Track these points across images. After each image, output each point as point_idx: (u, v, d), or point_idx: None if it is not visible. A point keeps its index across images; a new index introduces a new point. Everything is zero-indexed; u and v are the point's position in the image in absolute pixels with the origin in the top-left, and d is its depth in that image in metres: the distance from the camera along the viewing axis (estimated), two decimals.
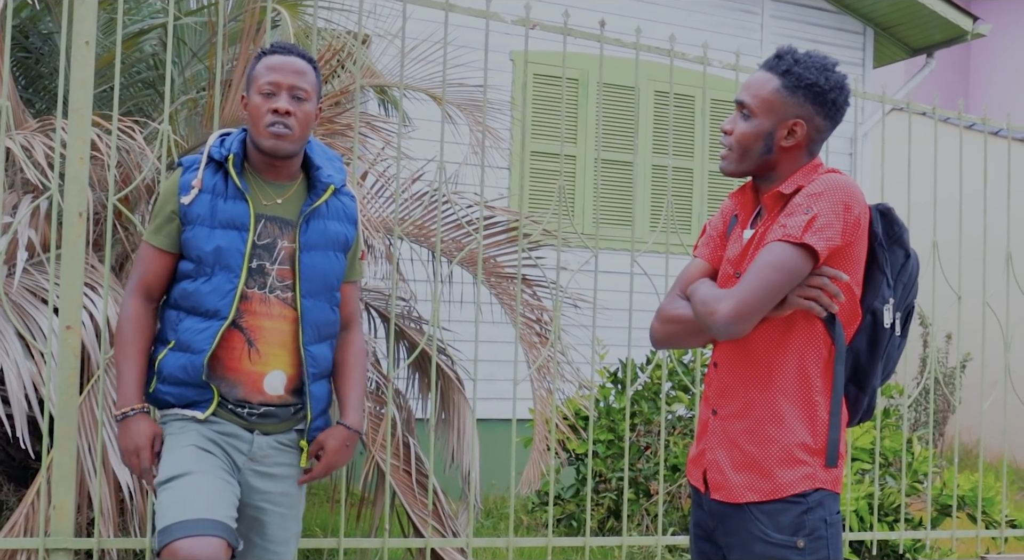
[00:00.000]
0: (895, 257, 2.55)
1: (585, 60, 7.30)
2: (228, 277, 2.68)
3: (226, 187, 2.72)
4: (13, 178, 4.30)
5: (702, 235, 2.71)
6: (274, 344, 2.71)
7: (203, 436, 2.68)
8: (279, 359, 2.72)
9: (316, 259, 2.76)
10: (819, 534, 2.40)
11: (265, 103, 2.69)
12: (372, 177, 5.22)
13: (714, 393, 2.56)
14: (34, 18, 5.12)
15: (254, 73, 2.74)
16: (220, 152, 2.75)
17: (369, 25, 5.82)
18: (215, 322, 2.67)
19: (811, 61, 2.47)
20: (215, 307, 2.68)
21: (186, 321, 2.70)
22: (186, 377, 2.68)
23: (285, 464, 2.78)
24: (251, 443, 2.72)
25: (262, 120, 2.69)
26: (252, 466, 2.73)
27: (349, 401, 2.88)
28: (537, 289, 5.09)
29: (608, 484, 5.77)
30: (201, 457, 2.64)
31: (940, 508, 5.42)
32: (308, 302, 2.75)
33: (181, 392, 2.69)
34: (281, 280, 2.72)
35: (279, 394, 2.72)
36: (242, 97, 2.79)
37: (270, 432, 2.74)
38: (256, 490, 2.74)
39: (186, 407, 2.71)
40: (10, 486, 4.62)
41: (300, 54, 2.76)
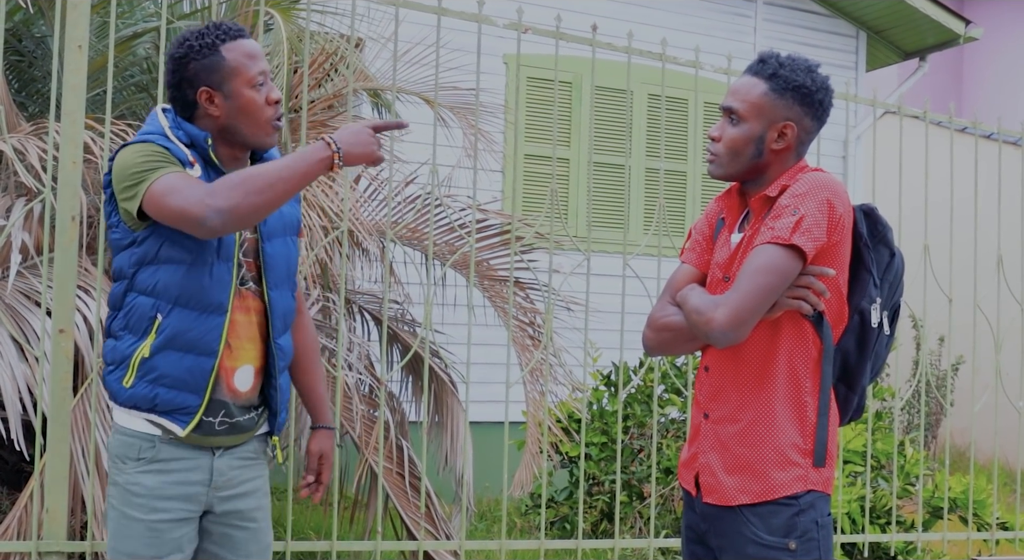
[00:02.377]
0: (880, 256, 2.56)
1: (578, 63, 7.31)
2: (227, 267, 2.52)
3: (208, 173, 2.53)
4: (6, 181, 4.31)
5: (688, 239, 2.71)
6: (244, 338, 2.57)
7: (159, 498, 2.49)
8: (248, 353, 2.58)
9: (277, 248, 2.63)
10: (811, 536, 2.41)
11: (259, 95, 2.51)
12: (365, 180, 5.23)
13: (705, 397, 2.57)
14: (27, 22, 5.12)
15: (232, 64, 2.50)
16: (184, 136, 2.52)
17: (362, 28, 5.83)
18: (217, 317, 2.50)
19: (795, 63, 2.49)
20: (218, 300, 2.50)
21: (178, 314, 2.48)
22: (192, 381, 2.49)
23: (252, 479, 2.65)
24: (210, 471, 2.55)
25: (263, 114, 2.53)
26: (217, 494, 2.57)
27: (321, 399, 2.82)
28: (530, 292, 5.10)
29: (601, 487, 5.78)
30: (154, 542, 2.48)
31: (932, 510, 5.44)
32: (275, 293, 2.62)
33: (176, 396, 2.49)
34: (250, 272, 2.59)
35: (247, 390, 2.58)
36: (207, 92, 2.51)
37: (232, 446, 2.60)
38: (230, 513, 2.60)
39: (168, 413, 2.50)
40: (3, 489, 4.61)
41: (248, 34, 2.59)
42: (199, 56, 2.50)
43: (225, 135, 2.55)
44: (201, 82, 2.50)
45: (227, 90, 2.50)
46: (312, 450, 2.78)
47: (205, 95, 2.51)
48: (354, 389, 4.55)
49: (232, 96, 2.51)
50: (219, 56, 2.50)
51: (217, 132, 2.54)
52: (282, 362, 2.65)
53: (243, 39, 2.54)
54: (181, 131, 2.52)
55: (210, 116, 2.53)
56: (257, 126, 2.53)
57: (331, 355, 4.60)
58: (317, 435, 2.80)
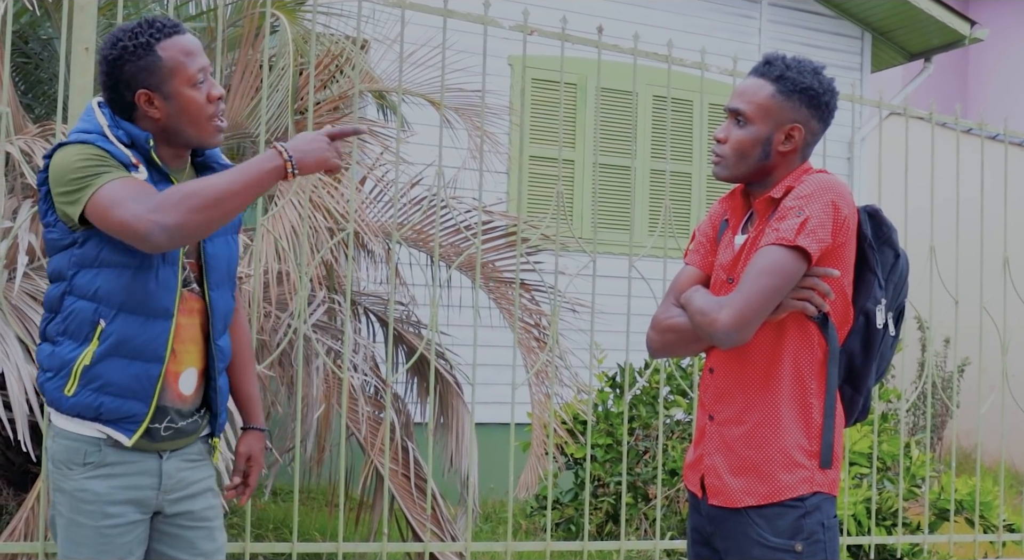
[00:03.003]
0: (885, 257, 2.56)
1: (583, 65, 7.31)
2: (173, 271, 2.43)
3: (150, 173, 2.42)
4: (13, 183, 4.31)
5: (692, 241, 2.71)
6: (187, 341, 2.49)
7: (109, 503, 2.43)
8: (191, 356, 2.50)
9: (219, 247, 2.54)
10: (817, 538, 2.41)
11: (200, 94, 2.40)
12: (371, 182, 5.24)
13: (710, 398, 2.57)
14: (33, 24, 5.14)
15: (169, 64, 2.38)
16: (124, 136, 2.41)
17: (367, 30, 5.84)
18: (163, 322, 2.41)
19: (801, 66, 2.49)
20: (163, 305, 2.41)
21: (122, 320, 2.39)
22: (139, 388, 2.41)
23: (201, 479, 2.59)
24: (159, 474, 2.49)
25: (205, 112, 2.42)
26: (167, 497, 2.51)
27: (253, 399, 2.76)
28: (535, 294, 5.10)
29: (606, 488, 5.78)
30: (108, 548, 2.43)
31: (938, 512, 5.43)
32: (216, 294, 2.54)
33: (121, 404, 2.41)
34: (192, 273, 2.51)
35: (191, 393, 2.51)
36: (145, 94, 2.39)
37: (177, 448, 2.54)
38: (180, 513, 2.54)
39: (113, 422, 2.42)
40: (9, 490, 4.62)
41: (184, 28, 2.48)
42: (134, 57, 2.38)
43: (167, 136, 2.45)
44: (139, 84, 2.39)
45: (166, 91, 2.40)
46: (240, 451, 2.72)
47: (144, 97, 2.41)
48: (359, 390, 4.56)
49: (172, 97, 2.40)
50: (155, 56, 2.38)
51: (158, 133, 2.45)
52: (221, 364, 2.59)
53: (179, 35, 2.42)
54: (121, 130, 2.42)
55: (150, 118, 2.43)
56: (199, 126, 2.44)
57: (337, 356, 4.60)
58: (247, 436, 2.74)
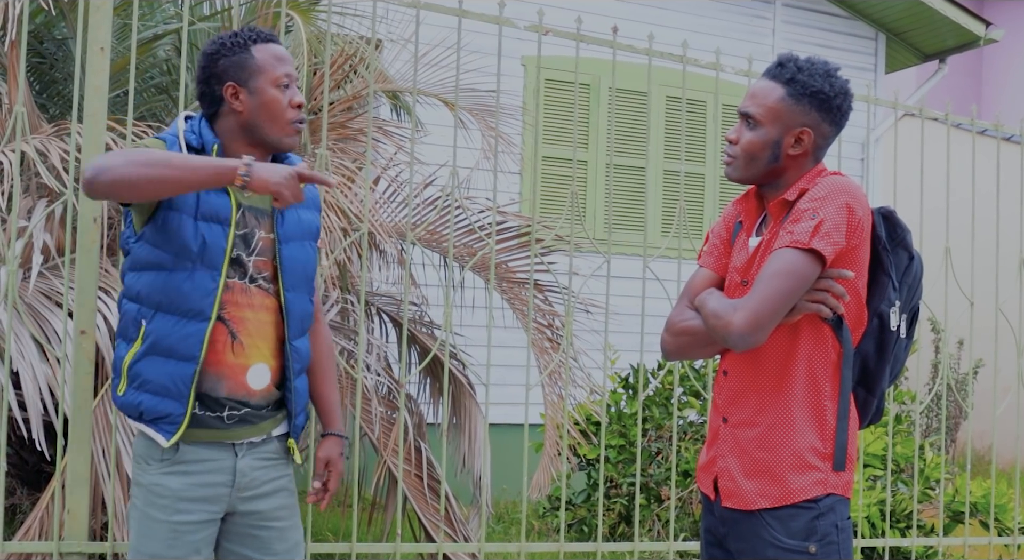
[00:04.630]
0: (899, 259, 2.55)
1: (597, 65, 7.31)
2: (211, 275, 2.52)
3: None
4: (28, 182, 4.33)
5: (706, 243, 2.71)
6: (256, 336, 2.58)
7: (182, 500, 2.52)
8: (261, 352, 2.59)
9: (295, 251, 2.65)
10: (831, 539, 2.40)
11: (284, 96, 2.58)
12: (384, 182, 5.24)
13: (724, 401, 2.56)
14: (48, 24, 5.15)
15: (260, 62, 2.57)
16: (197, 139, 2.58)
17: (382, 30, 5.84)
18: (198, 323, 2.50)
19: (814, 68, 2.47)
20: (198, 307, 2.51)
21: (160, 319, 2.50)
22: (172, 387, 2.50)
23: (275, 478, 2.66)
24: (233, 472, 2.58)
25: (285, 115, 2.58)
26: (241, 495, 2.59)
27: (333, 406, 2.84)
28: (549, 294, 5.09)
29: (619, 489, 5.77)
30: (176, 544, 2.50)
31: (952, 515, 5.41)
32: (291, 295, 2.63)
33: (158, 403, 2.51)
34: (259, 272, 2.59)
35: (263, 388, 2.60)
36: (232, 87, 2.58)
37: (251, 442, 2.61)
38: (251, 513, 2.62)
39: (154, 421, 2.52)
40: (24, 490, 4.63)
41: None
42: (229, 53, 2.58)
43: (247, 133, 2.59)
44: (228, 77, 2.57)
45: (252, 86, 2.57)
46: (320, 457, 2.80)
47: (231, 90, 2.57)
48: (373, 391, 4.56)
49: (256, 92, 2.57)
50: (248, 54, 2.57)
51: (239, 129, 2.59)
52: (298, 365, 2.66)
53: (274, 43, 2.62)
54: (195, 135, 2.58)
55: (234, 112, 2.58)
56: (278, 125, 2.58)
57: (350, 357, 4.60)
58: (326, 442, 2.81)
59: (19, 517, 4.52)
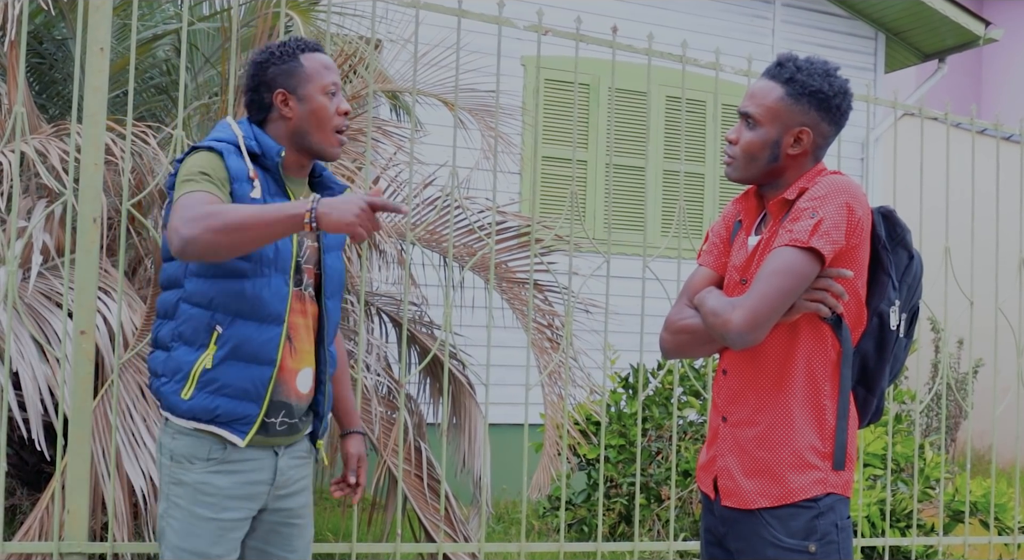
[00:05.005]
0: (899, 259, 2.56)
1: (597, 65, 7.31)
2: (284, 279, 2.59)
3: (268, 183, 2.61)
4: (28, 183, 4.33)
5: (705, 242, 2.71)
6: (305, 341, 2.66)
7: (229, 498, 2.57)
8: (308, 356, 2.67)
9: (335, 260, 2.74)
10: (830, 539, 2.40)
11: (331, 103, 2.64)
12: (384, 182, 5.24)
13: (724, 400, 2.57)
14: (48, 24, 5.15)
15: (309, 70, 2.63)
16: (257, 146, 2.62)
17: (381, 30, 5.84)
18: (274, 327, 2.56)
19: (813, 68, 2.47)
20: (276, 311, 2.56)
21: (239, 326, 2.54)
22: (252, 390, 2.55)
23: (303, 478, 2.75)
24: (274, 471, 2.64)
25: (331, 123, 2.64)
26: (277, 493, 2.67)
27: (352, 405, 2.96)
28: (549, 294, 5.09)
29: (619, 489, 5.77)
30: (220, 541, 2.56)
31: (952, 514, 5.41)
32: (331, 303, 2.72)
33: (236, 406, 2.55)
34: (310, 279, 2.68)
35: (307, 391, 2.67)
36: (282, 94, 2.63)
37: (290, 445, 2.69)
38: (280, 510, 2.69)
39: (228, 423, 2.56)
40: (24, 490, 4.63)
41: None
42: (279, 61, 2.64)
43: (294, 140, 2.65)
44: (278, 85, 2.64)
45: (301, 94, 2.63)
46: (351, 453, 2.90)
47: (280, 97, 2.63)
48: (372, 391, 4.56)
49: (305, 100, 2.63)
50: (297, 62, 2.64)
51: (287, 136, 2.65)
52: (331, 369, 2.77)
53: (320, 53, 2.68)
54: (255, 141, 2.62)
55: (283, 118, 2.64)
56: (325, 133, 2.65)
57: (349, 357, 4.60)
58: (353, 439, 2.92)
59: (19, 517, 4.52)
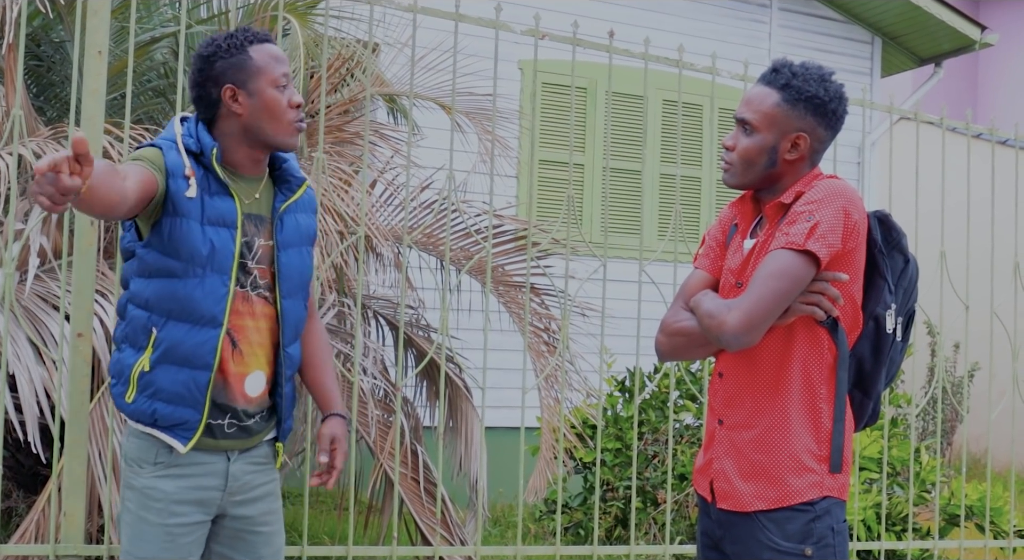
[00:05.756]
0: (895, 263, 2.57)
1: (594, 69, 7.32)
2: (222, 280, 2.51)
3: (208, 182, 2.52)
4: (25, 185, 4.33)
5: (701, 245, 2.72)
6: (254, 344, 2.57)
7: (176, 503, 2.51)
8: (258, 359, 2.58)
9: (293, 257, 2.64)
10: (827, 542, 2.41)
11: (283, 96, 2.54)
12: (381, 185, 5.24)
13: (720, 403, 2.57)
14: (46, 26, 5.15)
15: (258, 63, 2.53)
16: (195, 144, 2.53)
17: (378, 34, 5.85)
18: (210, 330, 2.49)
19: (808, 73, 2.48)
20: (210, 313, 2.49)
21: (171, 327, 2.48)
22: (188, 395, 2.50)
23: (264, 483, 2.66)
24: (225, 477, 2.57)
25: (286, 115, 2.54)
26: (232, 498, 2.59)
27: (332, 390, 2.79)
28: (545, 298, 5.10)
29: (615, 493, 5.77)
30: (170, 547, 2.50)
31: (948, 518, 5.41)
32: (288, 303, 2.62)
33: (174, 411, 2.50)
34: (261, 279, 2.59)
35: (259, 394, 2.59)
36: (231, 89, 2.53)
37: (245, 449, 2.61)
38: (241, 517, 2.62)
39: (168, 428, 2.51)
40: (20, 493, 4.63)
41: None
42: (226, 54, 2.53)
43: (247, 135, 2.56)
44: (227, 79, 2.53)
45: (251, 88, 2.53)
46: (324, 433, 2.72)
47: (229, 92, 2.53)
48: (369, 394, 4.56)
49: (256, 94, 2.53)
50: (246, 55, 2.53)
51: (240, 132, 2.56)
52: (289, 370, 2.66)
53: (270, 43, 2.57)
54: (192, 139, 2.53)
55: (233, 114, 2.54)
56: (279, 124, 2.54)
57: (346, 360, 4.61)
58: (329, 421, 2.75)
59: (15, 520, 4.52)
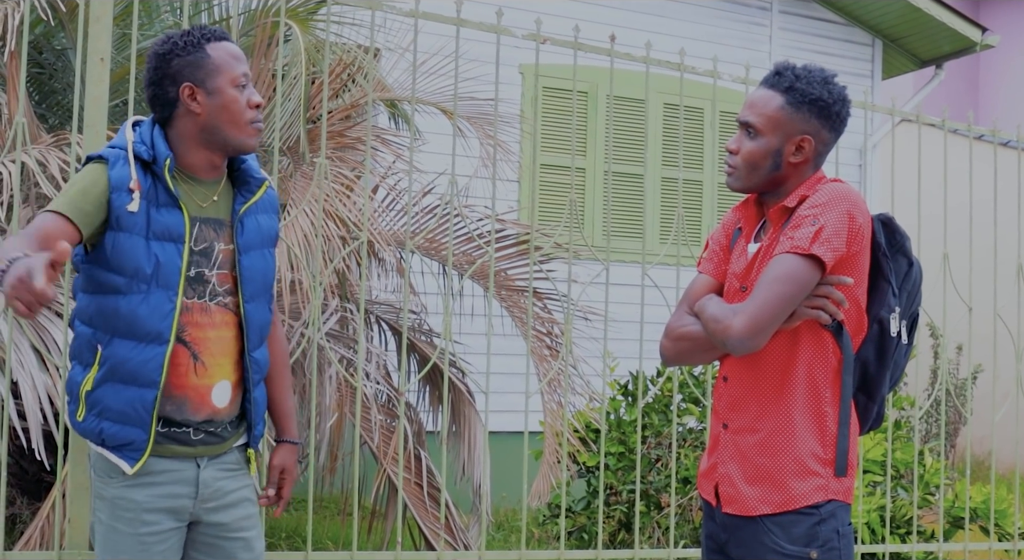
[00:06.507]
0: (898, 266, 2.57)
1: (595, 73, 7.32)
2: (167, 295, 2.42)
3: (157, 193, 2.43)
4: (28, 192, 4.34)
5: (705, 249, 2.72)
6: (218, 354, 2.50)
7: (147, 511, 2.47)
8: (223, 369, 2.52)
9: (255, 260, 2.56)
10: (832, 545, 2.41)
11: (242, 96, 2.46)
12: (383, 190, 5.25)
13: (724, 407, 2.57)
14: (48, 34, 5.16)
15: (217, 62, 2.45)
16: (148, 152, 2.44)
17: (380, 39, 5.86)
18: (156, 347, 2.41)
19: (812, 76, 2.48)
20: (156, 330, 2.41)
21: (117, 345, 2.41)
22: (133, 414, 2.42)
23: (239, 489, 2.61)
24: (196, 483, 2.51)
25: (244, 116, 2.46)
26: (204, 505, 2.54)
27: (288, 413, 2.77)
28: (548, 302, 5.10)
29: (619, 497, 5.76)
30: (143, 556, 2.46)
31: (952, 520, 5.40)
32: (251, 307, 2.55)
33: (120, 430, 2.43)
34: (221, 285, 2.51)
35: (227, 404, 2.54)
36: (189, 88, 2.44)
37: (215, 455, 2.56)
38: (216, 524, 2.56)
39: (116, 448, 2.45)
40: (24, 499, 4.63)
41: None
42: (184, 52, 2.45)
43: (205, 136, 2.49)
44: (184, 78, 2.45)
45: (210, 87, 2.45)
46: (274, 464, 2.74)
47: (188, 91, 2.45)
48: (372, 399, 4.56)
49: (215, 93, 2.45)
50: (204, 53, 2.45)
51: (197, 132, 2.48)
52: (257, 375, 2.61)
53: (227, 41, 2.50)
54: (145, 146, 2.45)
55: (191, 114, 2.47)
56: (238, 126, 2.47)
57: (349, 365, 4.61)
58: (280, 449, 2.77)
59: (19, 527, 4.52)
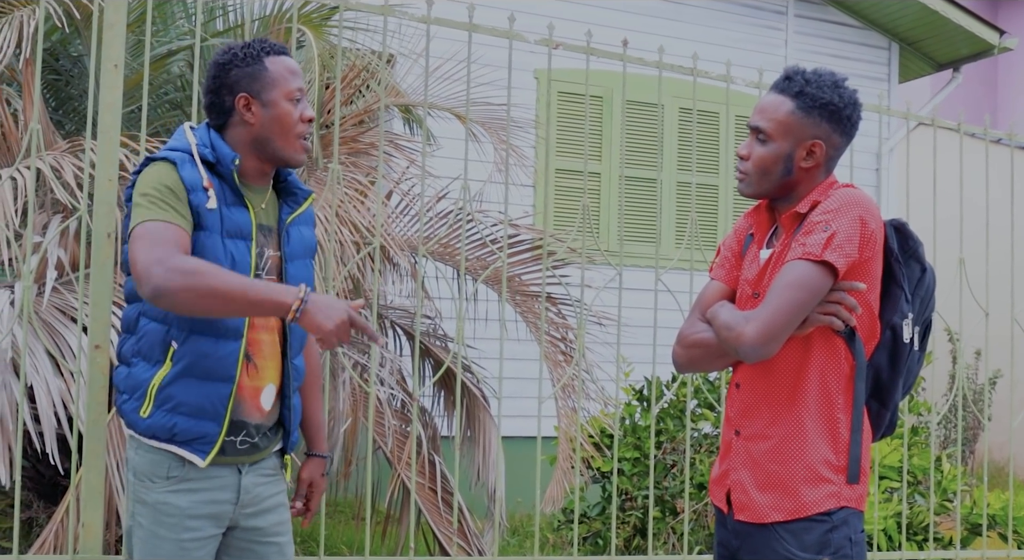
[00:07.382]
0: (911, 272, 2.55)
1: (609, 78, 7.31)
2: None
3: (224, 193, 2.51)
4: (43, 198, 4.36)
5: (717, 255, 2.71)
6: (266, 357, 2.56)
7: (190, 517, 2.49)
8: (270, 372, 2.57)
9: (299, 269, 2.63)
10: (844, 552, 2.39)
11: (295, 110, 2.54)
12: (397, 196, 5.26)
13: (737, 413, 2.56)
14: (64, 41, 5.19)
15: (274, 75, 2.53)
16: (211, 154, 2.52)
17: (393, 45, 5.87)
18: (231, 342, 2.48)
19: (822, 80, 2.47)
20: (234, 326, 2.47)
21: (194, 341, 2.46)
22: (210, 408, 2.48)
23: (274, 494, 2.65)
24: (238, 490, 2.56)
25: (295, 129, 2.55)
26: (243, 511, 2.58)
27: (318, 426, 2.84)
28: (562, 307, 5.09)
29: (634, 502, 5.75)
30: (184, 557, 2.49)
31: (970, 527, 5.37)
32: None
33: (194, 424, 2.47)
34: None
35: (271, 408, 2.59)
36: (245, 98, 2.53)
37: (255, 461, 2.60)
38: (252, 529, 2.61)
39: (187, 443, 2.49)
40: (40, 503, 4.66)
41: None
42: (243, 63, 2.53)
43: (256, 146, 2.56)
44: (241, 88, 2.53)
45: (265, 99, 2.53)
46: (303, 478, 2.80)
47: (243, 101, 2.53)
48: (386, 404, 4.57)
49: (269, 105, 2.53)
50: (262, 65, 2.53)
51: (249, 142, 2.56)
52: (296, 382, 2.66)
53: (286, 56, 2.58)
54: (208, 148, 2.52)
55: (245, 123, 2.54)
56: (288, 140, 2.54)
57: (363, 370, 4.61)
58: (309, 463, 2.83)
59: (35, 530, 4.54)
